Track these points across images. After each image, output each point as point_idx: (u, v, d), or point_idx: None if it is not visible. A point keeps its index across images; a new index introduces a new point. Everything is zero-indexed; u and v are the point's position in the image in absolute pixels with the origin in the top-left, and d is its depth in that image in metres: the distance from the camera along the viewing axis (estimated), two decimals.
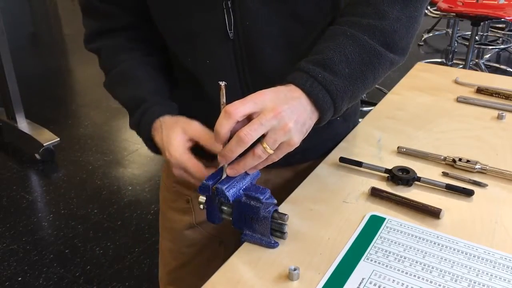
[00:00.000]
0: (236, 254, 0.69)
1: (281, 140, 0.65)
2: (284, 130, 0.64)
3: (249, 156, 0.66)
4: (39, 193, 2.57)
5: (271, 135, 0.64)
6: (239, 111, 0.63)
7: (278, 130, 0.64)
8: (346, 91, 0.69)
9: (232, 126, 0.63)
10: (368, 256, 0.68)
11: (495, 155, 0.92)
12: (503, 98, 1.14)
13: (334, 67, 0.68)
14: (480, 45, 4.19)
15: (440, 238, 0.71)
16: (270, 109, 0.63)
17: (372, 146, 0.96)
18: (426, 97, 1.17)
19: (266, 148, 0.65)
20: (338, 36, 0.70)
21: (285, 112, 0.64)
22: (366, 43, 0.70)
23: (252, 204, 0.68)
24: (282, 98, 0.65)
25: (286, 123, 0.64)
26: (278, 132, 0.64)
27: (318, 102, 0.68)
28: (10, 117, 2.94)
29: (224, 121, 0.63)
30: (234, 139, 0.63)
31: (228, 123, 0.63)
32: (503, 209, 0.78)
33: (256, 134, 0.63)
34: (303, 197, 0.81)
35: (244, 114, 0.63)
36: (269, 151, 0.65)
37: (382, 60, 0.72)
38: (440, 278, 0.64)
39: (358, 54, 0.69)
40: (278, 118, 0.63)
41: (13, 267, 2.03)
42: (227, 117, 0.63)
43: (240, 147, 0.63)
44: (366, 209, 0.78)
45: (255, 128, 0.63)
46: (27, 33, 5.17)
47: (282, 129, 0.64)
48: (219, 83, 0.64)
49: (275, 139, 0.64)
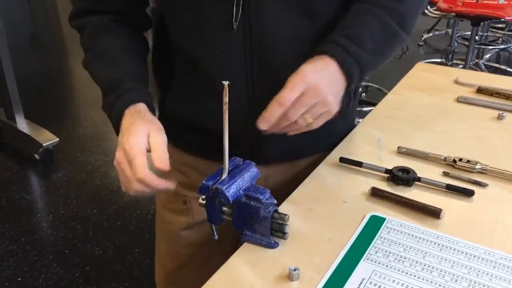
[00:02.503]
0: (236, 254, 0.69)
1: (321, 111, 0.72)
2: (325, 104, 0.72)
3: (291, 124, 0.72)
4: (39, 193, 2.57)
5: (313, 108, 0.71)
6: (289, 99, 0.69)
7: (319, 104, 0.71)
8: (370, 65, 0.77)
9: (281, 113, 0.70)
10: (368, 256, 0.68)
11: (495, 155, 0.92)
12: (503, 98, 1.14)
13: (362, 42, 0.75)
14: (480, 45, 4.19)
15: (440, 238, 0.71)
16: (313, 88, 0.70)
17: (372, 146, 0.96)
18: (426, 97, 1.17)
19: (307, 118, 0.72)
20: (364, 14, 0.78)
21: (325, 89, 0.71)
22: (388, 23, 0.77)
23: (252, 204, 0.68)
24: (321, 75, 0.72)
25: (326, 97, 0.71)
26: (319, 105, 0.71)
27: (349, 74, 0.74)
28: (10, 117, 2.94)
29: (276, 109, 0.70)
30: (282, 120, 0.71)
31: (279, 112, 0.70)
32: (503, 209, 0.78)
33: (300, 113, 0.70)
34: (303, 197, 0.81)
35: (293, 100, 0.69)
36: (309, 121, 0.72)
37: (398, 39, 0.80)
38: (440, 278, 0.64)
39: (381, 32, 0.77)
40: (319, 96, 0.71)
41: (12, 268, 2.03)
42: (279, 106, 0.69)
43: (286, 122, 0.71)
44: (366, 209, 0.78)
45: (300, 109, 0.70)
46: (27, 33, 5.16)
47: (323, 103, 0.71)
48: (223, 82, 0.64)
49: (316, 111, 0.72)
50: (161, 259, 1.08)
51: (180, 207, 0.99)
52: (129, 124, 0.76)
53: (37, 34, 5.42)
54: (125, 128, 0.77)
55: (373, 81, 3.55)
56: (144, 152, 0.73)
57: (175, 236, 1.01)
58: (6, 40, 2.78)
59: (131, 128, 0.75)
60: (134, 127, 0.75)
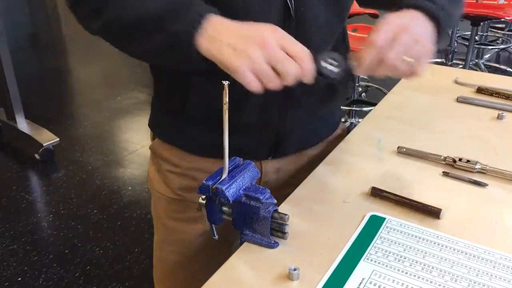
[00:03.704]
0: (236, 254, 0.69)
1: (419, 50, 0.71)
2: (419, 41, 0.70)
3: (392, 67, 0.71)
4: (39, 193, 2.57)
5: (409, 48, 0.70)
6: (380, 38, 0.69)
7: (414, 42, 0.70)
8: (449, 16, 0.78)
9: (376, 54, 0.69)
10: (368, 256, 0.68)
11: (495, 155, 0.92)
12: (503, 98, 1.14)
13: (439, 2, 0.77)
14: (480, 45, 4.19)
15: (440, 238, 0.71)
16: (404, 28, 0.70)
17: (372, 146, 0.96)
18: (426, 97, 1.17)
19: (407, 59, 0.70)
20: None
21: (416, 27, 0.72)
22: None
23: (252, 204, 0.68)
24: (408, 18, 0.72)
25: (419, 35, 0.71)
26: (414, 44, 0.70)
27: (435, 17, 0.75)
28: (10, 117, 2.94)
29: (371, 50, 0.69)
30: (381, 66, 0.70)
31: (373, 52, 0.69)
32: (503, 209, 0.78)
33: (397, 51, 0.69)
34: (303, 197, 0.81)
35: (385, 39, 0.69)
36: (409, 60, 0.70)
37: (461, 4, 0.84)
38: (440, 278, 0.64)
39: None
40: (412, 33, 0.70)
41: (12, 267, 2.03)
42: (372, 46, 0.69)
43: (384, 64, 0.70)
44: (366, 209, 0.78)
45: (396, 47, 0.69)
46: (27, 33, 5.16)
47: (417, 41, 0.70)
48: (223, 82, 0.64)
49: (413, 50, 0.70)
50: (166, 271, 1.04)
51: (193, 215, 0.95)
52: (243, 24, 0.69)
53: (37, 34, 5.42)
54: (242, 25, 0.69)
55: (373, 81, 3.55)
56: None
57: (190, 245, 0.98)
58: (6, 40, 2.78)
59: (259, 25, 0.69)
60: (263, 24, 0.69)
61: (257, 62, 0.66)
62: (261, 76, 0.67)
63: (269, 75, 0.67)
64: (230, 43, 0.67)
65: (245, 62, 0.66)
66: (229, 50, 0.67)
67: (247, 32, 0.68)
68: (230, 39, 0.68)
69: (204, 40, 0.68)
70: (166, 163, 0.95)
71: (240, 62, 0.66)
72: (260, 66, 0.66)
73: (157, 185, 0.98)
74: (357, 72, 0.71)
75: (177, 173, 0.94)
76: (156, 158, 0.98)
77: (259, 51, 0.66)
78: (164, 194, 0.97)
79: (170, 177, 0.95)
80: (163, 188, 0.97)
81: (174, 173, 0.94)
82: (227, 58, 0.68)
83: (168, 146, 0.94)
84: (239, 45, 0.67)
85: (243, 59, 0.66)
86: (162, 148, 0.95)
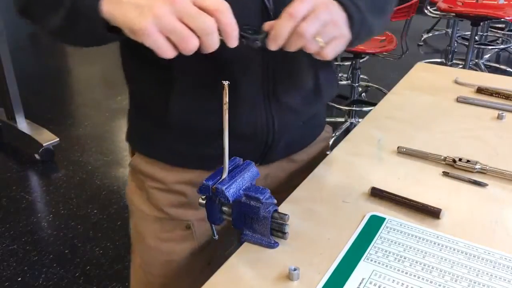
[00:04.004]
0: (236, 254, 0.69)
1: (334, 34, 0.67)
2: (336, 24, 0.66)
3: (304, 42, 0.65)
4: (39, 193, 2.57)
5: (325, 28, 0.65)
6: (300, 10, 0.63)
7: (331, 24, 0.66)
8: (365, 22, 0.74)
9: (293, 27, 0.63)
10: (368, 256, 0.68)
11: (495, 155, 0.92)
12: (503, 98, 1.14)
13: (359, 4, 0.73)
14: (479, 45, 4.19)
15: (440, 238, 0.71)
16: (323, 3, 0.65)
17: (372, 146, 0.96)
18: (426, 97, 1.17)
19: (320, 41, 0.65)
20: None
21: (335, 8, 0.67)
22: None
23: (252, 204, 0.68)
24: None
25: (337, 16, 0.67)
26: (331, 25, 0.66)
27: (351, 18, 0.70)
28: (10, 117, 2.94)
29: (287, 22, 0.63)
30: (294, 36, 0.64)
31: (290, 25, 0.63)
32: (503, 209, 0.78)
33: (314, 28, 0.64)
34: (303, 197, 0.81)
35: (304, 13, 0.63)
36: (322, 44, 0.65)
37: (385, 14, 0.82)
38: (440, 278, 0.64)
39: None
40: (331, 12, 0.66)
41: (12, 267, 2.03)
42: (290, 18, 0.63)
43: (300, 42, 0.64)
44: (366, 209, 0.78)
45: (313, 22, 0.63)
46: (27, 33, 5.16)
47: (335, 23, 0.66)
48: (223, 82, 0.64)
49: (329, 32, 0.66)
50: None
51: (182, 234, 0.89)
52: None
53: (37, 34, 5.41)
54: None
55: (373, 81, 3.55)
56: None
57: (178, 265, 0.91)
58: (6, 40, 2.78)
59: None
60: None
61: (166, 19, 0.58)
62: (173, 35, 0.58)
63: (181, 32, 0.58)
64: (136, 2, 0.59)
65: (152, 21, 0.58)
66: (132, 9, 0.59)
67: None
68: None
69: (106, 3, 0.61)
70: (149, 180, 0.88)
71: (146, 22, 0.58)
72: (170, 23, 0.58)
73: (140, 204, 0.91)
74: (271, 44, 0.64)
75: (163, 189, 0.87)
76: (137, 175, 0.91)
77: (166, 6, 0.58)
78: (150, 213, 0.89)
79: (155, 194, 0.88)
80: (148, 206, 0.90)
81: (160, 189, 0.88)
82: (130, 19, 0.59)
83: (151, 160, 0.87)
84: (146, 2, 0.59)
85: (149, 18, 0.58)
86: (143, 163, 0.89)
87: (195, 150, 0.84)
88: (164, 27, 0.58)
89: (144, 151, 0.89)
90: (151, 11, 0.58)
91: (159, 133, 0.85)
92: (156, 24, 0.58)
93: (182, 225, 0.89)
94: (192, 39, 0.59)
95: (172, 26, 0.58)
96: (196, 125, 0.81)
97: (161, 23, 0.58)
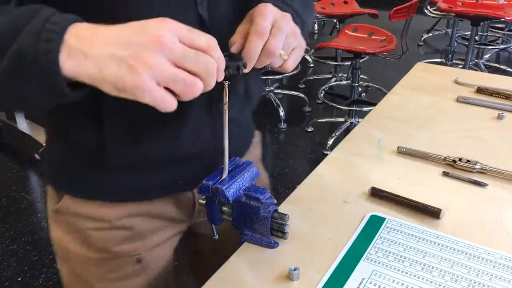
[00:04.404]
0: (236, 254, 0.69)
1: (294, 44, 0.66)
2: (295, 34, 0.66)
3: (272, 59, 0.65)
4: (39, 193, 2.57)
5: (287, 41, 0.64)
6: (266, 27, 0.62)
7: (291, 35, 0.65)
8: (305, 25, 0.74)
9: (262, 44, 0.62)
10: (368, 256, 0.68)
11: (495, 155, 0.92)
12: (503, 98, 1.14)
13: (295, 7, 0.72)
14: (479, 45, 4.19)
15: (440, 238, 0.71)
16: (281, 16, 0.64)
17: (372, 146, 0.96)
18: (426, 97, 1.17)
19: (282, 54, 0.64)
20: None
21: (290, 18, 0.66)
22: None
23: (252, 204, 0.68)
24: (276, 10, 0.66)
25: (294, 27, 0.66)
26: (291, 36, 0.65)
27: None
28: (10, 117, 2.94)
29: (258, 42, 0.61)
30: (264, 55, 0.62)
31: (261, 44, 0.62)
32: (503, 209, 0.78)
33: (281, 43, 0.63)
34: (303, 197, 0.81)
35: (269, 29, 0.62)
36: (284, 57, 0.65)
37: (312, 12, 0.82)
38: (440, 278, 0.64)
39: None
40: (290, 23, 0.65)
41: (12, 267, 2.03)
42: (259, 38, 0.62)
43: (269, 59, 0.63)
44: (366, 209, 0.78)
45: (280, 37, 0.63)
46: None
47: (294, 33, 0.66)
48: (223, 82, 0.64)
49: (289, 44, 0.65)
50: None
51: (133, 269, 0.81)
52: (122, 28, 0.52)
53: None
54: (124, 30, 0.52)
55: (373, 81, 3.55)
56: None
57: None
58: None
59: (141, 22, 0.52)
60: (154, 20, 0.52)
61: (163, 68, 0.50)
62: (175, 84, 0.52)
63: (184, 79, 0.52)
64: (113, 53, 0.50)
65: (147, 74, 0.50)
66: (113, 64, 0.50)
67: (131, 33, 0.52)
68: (111, 48, 0.50)
69: (68, 58, 0.50)
70: (86, 221, 0.77)
71: (140, 77, 0.50)
72: (169, 72, 0.51)
73: (76, 248, 0.80)
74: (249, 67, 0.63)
75: (105, 228, 0.78)
76: (66, 219, 0.79)
77: (159, 54, 0.50)
78: (92, 256, 0.79)
79: (95, 235, 0.78)
80: (87, 249, 0.79)
81: (100, 229, 0.78)
82: (116, 76, 0.50)
83: (86, 200, 0.77)
84: (129, 52, 0.50)
85: (143, 71, 0.50)
86: (77, 205, 0.77)
87: (139, 182, 0.76)
88: (163, 78, 0.51)
89: (77, 192, 0.77)
90: (143, 63, 0.50)
91: (95, 172, 0.74)
92: (153, 76, 0.50)
93: (132, 260, 0.81)
94: (198, 83, 0.53)
95: (172, 74, 0.51)
96: (138, 158, 0.73)
97: (159, 75, 0.50)
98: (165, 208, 0.81)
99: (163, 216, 0.82)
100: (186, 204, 0.83)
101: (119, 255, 0.80)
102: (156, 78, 0.51)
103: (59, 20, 0.51)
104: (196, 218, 0.87)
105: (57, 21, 0.51)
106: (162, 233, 0.83)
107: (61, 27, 0.51)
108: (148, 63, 0.50)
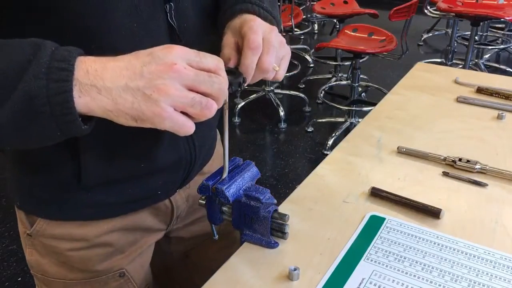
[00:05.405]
0: (236, 254, 0.69)
1: (282, 54, 0.67)
2: (282, 44, 0.68)
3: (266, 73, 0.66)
4: None
5: (276, 54, 0.66)
6: (259, 43, 0.63)
7: (279, 47, 0.67)
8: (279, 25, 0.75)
9: (256, 59, 0.64)
10: (368, 256, 0.68)
11: (495, 155, 0.92)
12: (503, 98, 1.14)
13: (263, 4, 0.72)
14: (479, 45, 4.19)
15: (440, 238, 0.71)
16: (268, 28, 0.66)
17: (372, 146, 0.96)
18: (426, 97, 1.17)
19: (274, 67, 0.66)
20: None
21: (275, 27, 0.68)
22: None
23: (252, 204, 0.68)
24: (261, 22, 0.67)
25: (281, 37, 0.68)
26: (280, 48, 0.67)
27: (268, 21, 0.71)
28: None
29: (253, 58, 0.63)
30: (258, 72, 0.64)
31: (255, 60, 0.63)
32: (503, 209, 0.78)
33: (273, 57, 0.65)
34: (303, 197, 0.81)
35: (261, 43, 0.64)
36: (276, 69, 0.66)
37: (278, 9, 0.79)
38: (440, 278, 0.64)
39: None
40: (278, 35, 0.66)
41: (12, 267, 2.03)
42: (256, 53, 0.63)
43: (263, 75, 0.65)
44: (366, 209, 0.78)
45: (272, 53, 0.64)
46: None
47: (282, 42, 0.67)
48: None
49: (279, 55, 0.67)
50: None
51: (117, 284, 0.81)
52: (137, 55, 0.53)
53: None
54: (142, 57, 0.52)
55: (373, 81, 3.55)
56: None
57: None
58: None
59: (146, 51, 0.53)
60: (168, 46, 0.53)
61: (180, 95, 0.52)
62: (192, 108, 0.53)
63: (201, 102, 0.53)
64: (127, 84, 0.51)
65: (165, 103, 0.51)
66: (128, 96, 0.51)
67: (141, 62, 0.52)
68: (124, 79, 0.51)
69: (82, 95, 0.50)
70: (64, 242, 0.75)
71: (159, 107, 0.51)
72: (186, 98, 0.52)
73: (54, 271, 0.78)
74: (247, 81, 0.64)
75: (84, 247, 0.76)
76: (42, 242, 0.77)
77: (173, 80, 0.51)
78: (73, 277, 0.78)
79: (75, 256, 0.76)
80: (67, 271, 0.78)
81: (80, 249, 0.76)
82: (133, 107, 0.51)
83: (62, 222, 0.75)
84: (143, 82, 0.51)
85: (160, 99, 0.51)
86: (52, 227, 0.75)
87: (117, 197, 0.75)
88: (181, 104, 0.52)
89: (51, 215, 0.75)
90: (160, 91, 0.51)
91: (70, 194, 0.72)
92: (171, 103, 0.51)
93: (115, 276, 0.80)
94: (213, 105, 0.54)
95: (190, 99, 0.52)
96: (114, 176, 0.72)
97: (177, 102, 0.52)
98: (143, 218, 0.81)
99: (142, 227, 0.81)
100: (164, 212, 0.83)
101: (101, 273, 0.79)
102: (174, 104, 0.52)
103: (65, 56, 0.50)
104: (174, 225, 0.87)
105: (63, 57, 0.50)
106: (141, 243, 0.83)
107: (70, 64, 0.50)
108: (164, 91, 0.51)
